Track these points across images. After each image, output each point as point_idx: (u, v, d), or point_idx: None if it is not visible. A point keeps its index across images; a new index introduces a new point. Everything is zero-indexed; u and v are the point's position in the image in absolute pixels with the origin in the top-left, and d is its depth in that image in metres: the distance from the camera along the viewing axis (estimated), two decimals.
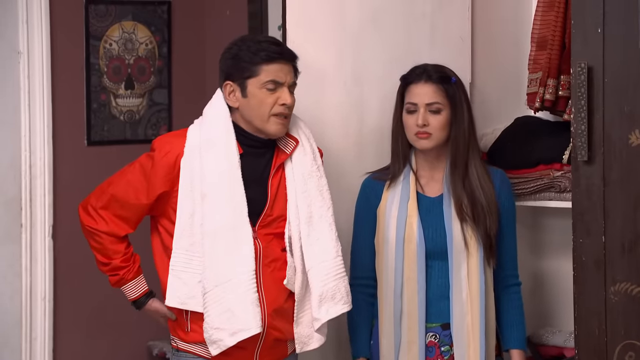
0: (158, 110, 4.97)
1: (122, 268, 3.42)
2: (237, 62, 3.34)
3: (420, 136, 3.54)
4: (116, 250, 3.42)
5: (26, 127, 4.57)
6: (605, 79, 3.08)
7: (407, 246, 3.53)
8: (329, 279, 3.39)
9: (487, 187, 3.56)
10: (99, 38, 4.80)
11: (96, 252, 3.44)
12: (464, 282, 3.52)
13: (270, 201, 3.38)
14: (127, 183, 3.41)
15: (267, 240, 3.37)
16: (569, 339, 3.95)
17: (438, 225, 3.55)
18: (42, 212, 4.62)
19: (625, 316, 3.08)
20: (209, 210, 3.31)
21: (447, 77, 3.56)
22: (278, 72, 3.33)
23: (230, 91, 3.37)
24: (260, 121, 3.35)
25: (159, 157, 3.37)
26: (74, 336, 4.74)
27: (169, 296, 3.36)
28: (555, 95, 3.84)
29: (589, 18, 3.10)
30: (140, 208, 3.40)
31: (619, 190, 3.08)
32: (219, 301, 3.28)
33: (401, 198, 3.57)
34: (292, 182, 3.40)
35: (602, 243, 3.11)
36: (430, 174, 3.62)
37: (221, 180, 3.32)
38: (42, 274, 4.62)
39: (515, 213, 3.69)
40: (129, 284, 3.44)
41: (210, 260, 3.30)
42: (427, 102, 3.53)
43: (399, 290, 3.53)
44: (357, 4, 3.79)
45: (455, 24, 3.97)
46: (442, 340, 3.56)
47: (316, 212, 3.40)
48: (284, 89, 3.34)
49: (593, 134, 3.09)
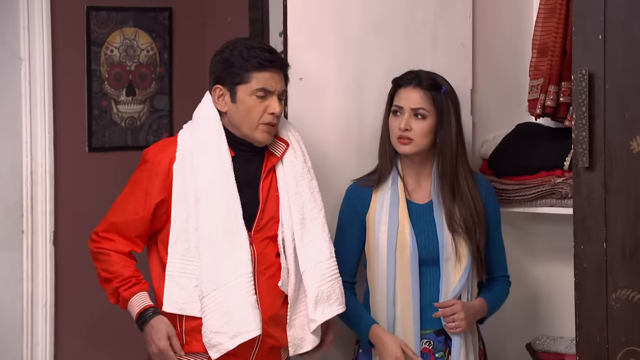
0: (159, 116, 4.97)
1: (131, 278, 3.36)
2: (228, 67, 3.34)
3: (402, 141, 3.55)
4: (124, 264, 3.37)
5: (27, 133, 4.57)
6: (606, 86, 3.08)
7: (400, 253, 3.53)
8: (324, 280, 3.38)
9: (477, 199, 3.59)
10: (100, 44, 4.80)
11: (103, 272, 3.38)
12: (451, 288, 3.55)
13: (262, 204, 3.38)
14: (125, 203, 3.40)
15: (262, 246, 3.36)
16: (570, 346, 3.95)
17: (430, 233, 3.56)
18: (43, 219, 4.61)
19: (626, 323, 3.08)
20: (204, 213, 3.31)
21: (438, 84, 3.57)
22: (269, 81, 3.33)
23: (220, 95, 3.37)
24: (247, 128, 3.35)
25: (153, 166, 3.37)
26: (74, 342, 4.73)
27: (166, 302, 3.35)
28: (556, 102, 3.84)
29: (590, 25, 3.10)
30: (141, 222, 3.37)
31: (620, 196, 3.08)
32: (218, 304, 3.28)
33: (391, 204, 3.57)
34: (284, 185, 3.40)
35: (603, 249, 3.11)
36: (416, 181, 3.63)
37: (214, 183, 3.32)
38: (43, 280, 4.62)
39: (501, 217, 3.72)
40: (137, 295, 3.36)
41: (207, 264, 3.29)
42: (412, 107, 3.54)
43: (391, 297, 3.53)
44: (359, 11, 3.79)
45: (456, 31, 3.97)
46: (437, 347, 3.57)
47: (309, 213, 3.40)
48: (273, 97, 3.34)
49: (594, 141, 3.09)
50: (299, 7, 3.68)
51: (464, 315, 3.50)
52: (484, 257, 3.59)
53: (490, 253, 3.64)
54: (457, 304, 3.50)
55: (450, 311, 3.50)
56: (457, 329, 3.51)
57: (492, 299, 3.65)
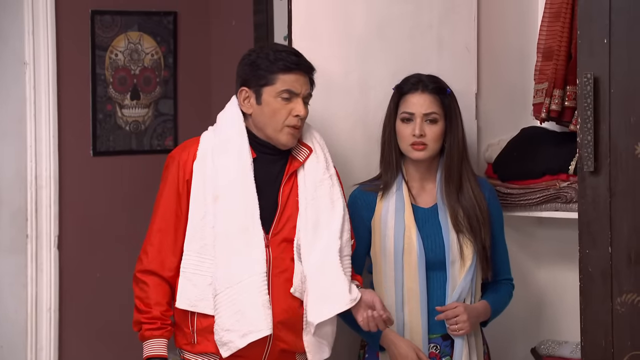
0: (164, 120, 4.97)
1: (157, 320, 3.34)
2: (254, 69, 3.36)
3: (416, 147, 3.54)
4: (158, 300, 3.34)
5: (32, 137, 4.57)
6: (612, 90, 3.07)
7: (407, 257, 3.53)
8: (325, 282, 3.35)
9: (481, 200, 3.59)
10: (104, 48, 4.81)
11: (137, 299, 3.36)
12: (456, 292, 3.54)
13: (281, 207, 3.38)
14: (163, 208, 3.39)
15: (278, 250, 3.36)
16: (575, 350, 3.94)
17: (436, 236, 3.56)
18: (47, 223, 4.62)
19: (632, 327, 3.07)
20: (221, 211, 3.32)
21: (443, 88, 3.58)
22: (294, 83, 3.34)
23: (245, 97, 3.38)
24: (272, 130, 3.36)
25: (179, 165, 3.38)
26: (79, 347, 4.74)
27: (179, 298, 3.35)
28: (561, 106, 3.84)
29: (595, 28, 3.09)
30: (185, 218, 3.37)
31: (625, 200, 3.07)
32: (231, 303, 3.28)
33: (396, 209, 3.57)
34: (304, 190, 3.41)
35: (608, 254, 3.10)
36: (420, 185, 3.63)
37: (234, 182, 3.33)
38: (47, 285, 4.62)
39: (503, 220, 3.72)
40: (156, 339, 3.34)
41: (222, 262, 3.30)
42: (424, 112, 3.54)
43: (400, 302, 3.52)
44: (363, 14, 3.79)
45: (461, 34, 3.97)
46: (443, 351, 3.56)
47: (324, 220, 3.39)
48: (298, 100, 3.35)
49: (599, 145, 3.09)
50: (304, 10, 3.68)
51: (466, 317, 3.50)
52: (490, 255, 3.59)
53: (494, 256, 3.64)
54: (460, 306, 3.50)
55: (453, 313, 3.50)
56: (460, 331, 3.50)
57: (496, 302, 3.64)
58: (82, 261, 4.69)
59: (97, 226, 4.77)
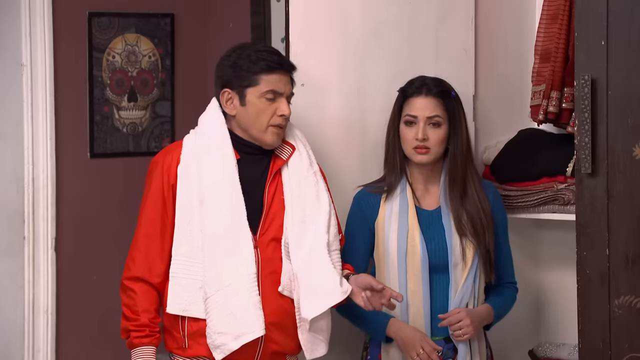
0: (161, 122, 4.96)
1: (145, 328, 3.33)
2: (236, 70, 3.35)
3: (419, 151, 3.54)
4: (146, 307, 3.34)
5: (29, 139, 4.56)
6: (609, 92, 3.07)
7: (411, 260, 3.53)
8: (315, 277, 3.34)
9: (485, 203, 3.58)
10: (102, 50, 4.80)
11: (124, 307, 3.36)
12: (459, 294, 3.54)
13: (266, 207, 3.38)
14: (149, 214, 3.39)
15: (267, 250, 3.36)
16: (573, 352, 3.94)
17: (439, 239, 3.55)
18: (44, 225, 4.61)
19: (629, 329, 3.07)
20: (208, 214, 3.31)
21: (447, 91, 3.58)
22: (278, 83, 3.34)
23: (228, 99, 3.38)
24: (257, 130, 3.36)
25: (163, 170, 3.38)
26: (76, 349, 4.73)
27: (170, 304, 3.35)
28: (558, 108, 3.84)
29: (592, 30, 3.09)
30: (172, 223, 3.36)
31: (622, 202, 3.07)
32: (222, 305, 3.27)
33: (400, 211, 3.57)
34: (289, 188, 3.40)
35: (606, 256, 3.10)
36: (424, 187, 3.62)
37: (219, 185, 3.32)
38: (44, 287, 4.61)
39: (507, 223, 3.71)
40: (144, 347, 3.34)
41: (211, 265, 3.30)
42: (428, 115, 3.54)
43: (404, 304, 3.51)
44: (360, 16, 3.79)
45: (459, 37, 3.97)
46: (446, 354, 3.56)
47: (311, 216, 3.39)
48: (282, 99, 3.35)
49: (597, 147, 3.09)
50: (301, 13, 3.68)
51: (469, 322, 3.49)
52: (494, 259, 3.58)
53: (498, 259, 3.63)
54: (462, 311, 3.49)
55: (456, 319, 3.49)
56: (465, 335, 3.50)
57: (499, 305, 3.64)
58: (79, 263, 4.68)
59: (95, 228, 4.76)
